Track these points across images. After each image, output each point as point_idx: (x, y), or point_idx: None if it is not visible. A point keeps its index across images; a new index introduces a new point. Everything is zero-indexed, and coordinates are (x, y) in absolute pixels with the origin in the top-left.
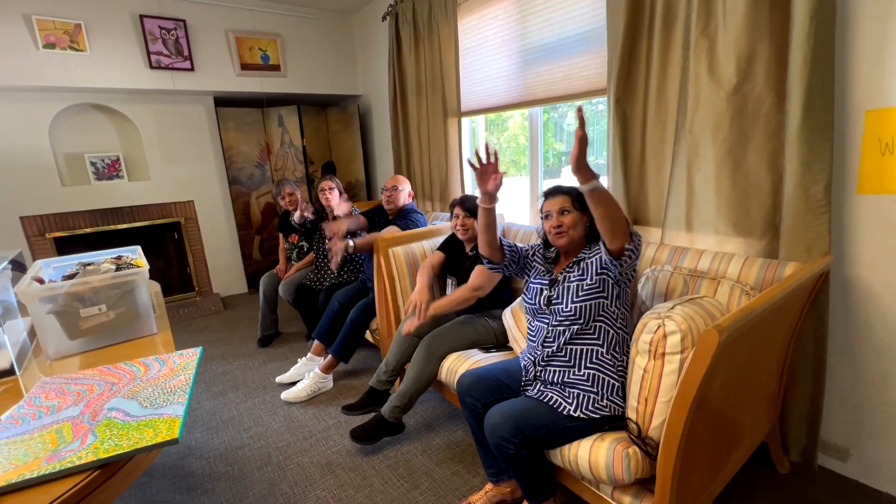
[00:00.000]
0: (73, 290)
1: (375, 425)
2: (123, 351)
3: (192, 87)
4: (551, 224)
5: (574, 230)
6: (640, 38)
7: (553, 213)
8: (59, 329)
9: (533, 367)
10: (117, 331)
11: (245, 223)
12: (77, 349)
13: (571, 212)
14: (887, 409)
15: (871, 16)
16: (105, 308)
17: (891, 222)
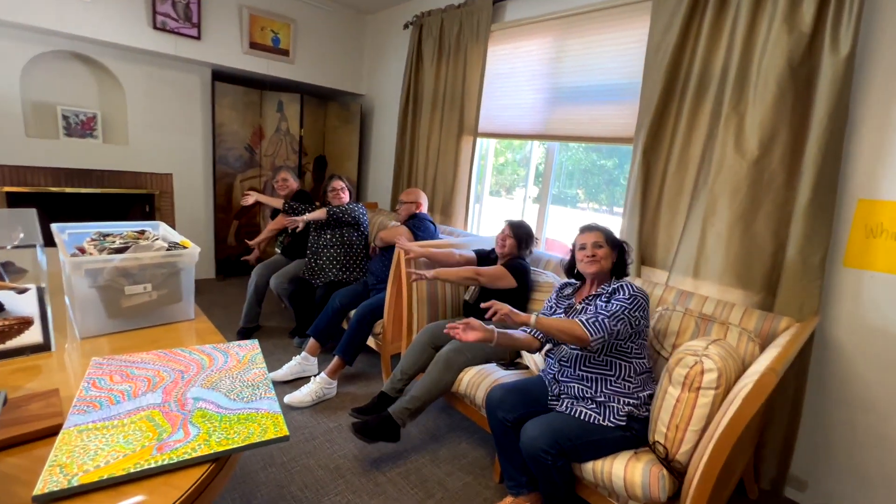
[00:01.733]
0: (122, 265)
1: (379, 423)
2: (159, 335)
3: (194, 55)
4: (585, 254)
5: (605, 261)
6: (672, 102)
7: (588, 244)
8: (98, 305)
9: (556, 384)
10: (156, 313)
11: (225, 206)
12: (111, 329)
13: (604, 247)
14: (844, 450)
15: (871, 125)
16: (150, 287)
17: (867, 294)
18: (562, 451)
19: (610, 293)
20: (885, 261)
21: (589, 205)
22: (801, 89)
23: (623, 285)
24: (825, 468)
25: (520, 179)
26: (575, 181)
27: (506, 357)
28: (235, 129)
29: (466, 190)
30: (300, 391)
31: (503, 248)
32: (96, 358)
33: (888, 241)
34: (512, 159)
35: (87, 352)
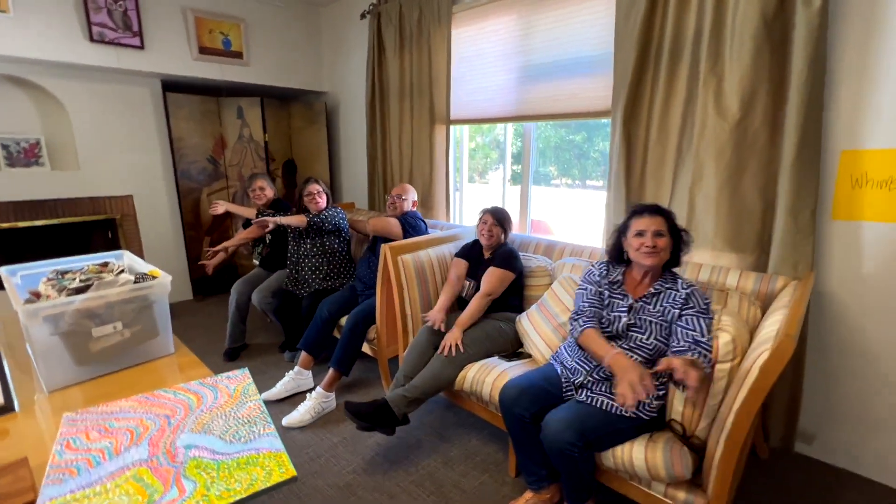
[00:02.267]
0: (84, 306)
1: (375, 409)
2: (137, 377)
3: (140, 66)
4: (644, 243)
5: (664, 253)
6: (647, 70)
7: (648, 232)
8: (63, 353)
9: (584, 376)
10: (131, 352)
11: (194, 223)
12: (82, 377)
13: (665, 235)
14: (846, 400)
15: (850, 74)
16: (120, 326)
17: (857, 245)
18: (588, 443)
19: (683, 301)
20: (872, 210)
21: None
22: (776, 45)
23: (693, 292)
24: (831, 419)
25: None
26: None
27: (508, 349)
28: (195, 141)
29: (445, 180)
30: (297, 411)
31: (491, 238)
32: (68, 414)
33: (874, 190)
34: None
35: (57, 407)
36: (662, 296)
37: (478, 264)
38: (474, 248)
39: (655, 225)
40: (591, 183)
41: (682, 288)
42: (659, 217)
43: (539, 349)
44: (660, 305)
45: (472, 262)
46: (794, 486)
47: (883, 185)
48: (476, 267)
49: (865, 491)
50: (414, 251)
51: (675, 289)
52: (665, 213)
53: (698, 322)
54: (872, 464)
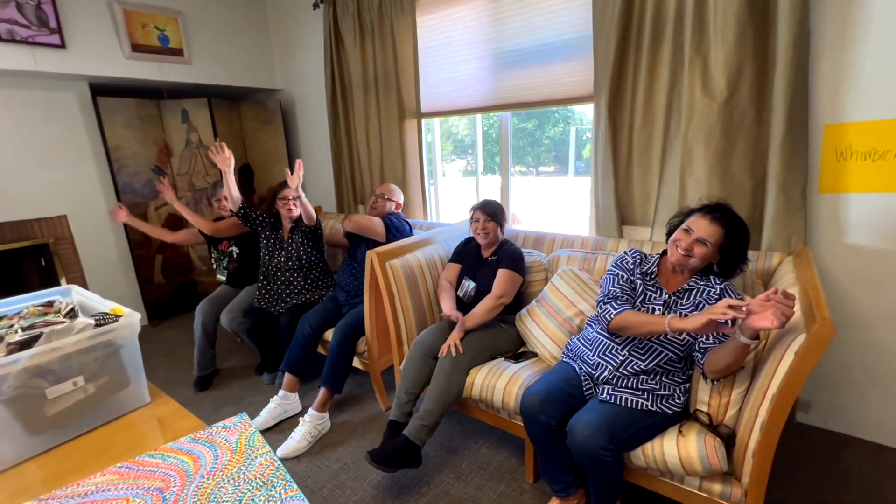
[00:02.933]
0: (34, 364)
1: (398, 450)
2: (109, 438)
3: (62, 68)
4: (682, 241)
5: (698, 261)
6: (629, 52)
7: (693, 234)
8: (11, 424)
9: (609, 372)
10: (98, 409)
11: (143, 241)
12: (38, 448)
13: (710, 247)
14: (840, 367)
15: (831, 48)
16: (82, 381)
17: (844, 217)
18: (620, 445)
19: (717, 298)
20: (857, 181)
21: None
22: (760, 22)
23: (727, 288)
24: (825, 386)
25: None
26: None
27: (511, 349)
28: (136, 150)
29: (420, 176)
30: (293, 438)
31: (487, 236)
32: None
33: (858, 162)
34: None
35: (12, 492)
36: (696, 292)
37: (477, 264)
38: (468, 246)
39: (706, 233)
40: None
41: (717, 283)
42: (718, 227)
43: (546, 347)
44: (693, 301)
45: (468, 262)
46: (800, 455)
47: (867, 157)
48: (475, 267)
49: (862, 451)
50: (402, 255)
51: (710, 285)
52: (729, 225)
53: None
54: (867, 426)
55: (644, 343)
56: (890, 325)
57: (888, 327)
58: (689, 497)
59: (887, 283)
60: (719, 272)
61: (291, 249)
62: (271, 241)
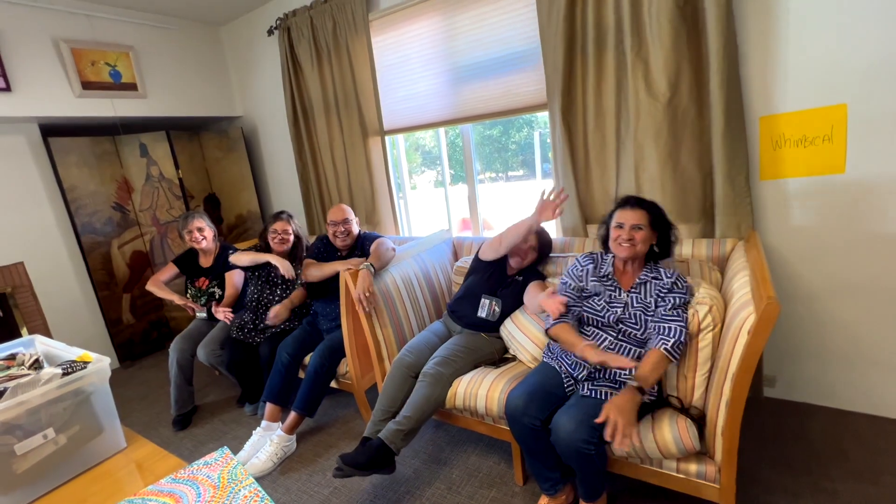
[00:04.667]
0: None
1: (371, 451)
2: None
3: (8, 112)
4: (621, 235)
5: (642, 245)
6: (576, 60)
7: (626, 225)
8: None
9: (585, 370)
10: (72, 460)
11: (107, 281)
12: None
13: (644, 229)
14: (797, 341)
15: (755, 46)
16: (53, 433)
17: (784, 200)
18: (602, 438)
19: (671, 286)
20: (792, 166)
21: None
22: (692, 26)
23: (677, 281)
24: (787, 360)
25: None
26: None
27: (494, 358)
28: (93, 189)
29: (388, 192)
30: (258, 458)
31: (522, 260)
32: None
33: (791, 149)
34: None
35: None
36: (649, 286)
37: (499, 279)
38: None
39: (635, 218)
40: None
41: (667, 277)
42: (640, 210)
43: (529, 350)
44: (648, 297)
45: (494, 274)
46: (769, 428)
47: (798, 144)
48: (496, 281)
49: (826, 418)
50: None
51: (659, 278)
52: (648, 207)
53: (675, 299)
54: (827, 394)
55: (613, 343)
56: (835, 296)
57: (834, 298)
58: (669, 480)
59: (827, 258)
60: (659, 252)
61: (286, 286)
62: (262, 278)
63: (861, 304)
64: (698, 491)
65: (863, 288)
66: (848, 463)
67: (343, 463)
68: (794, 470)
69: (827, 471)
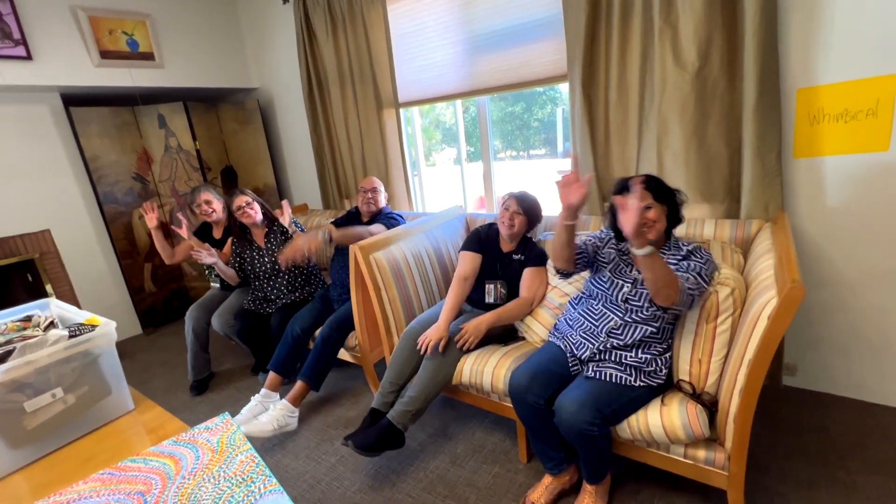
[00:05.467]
0: (9, 378)
1: (381, 432)
2: (93, 447)
3: (31, 80)
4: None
5: (659, 223)
6: (600, 28)
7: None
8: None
9: (591, 351)
10: (81, 420)
11: (130, 250)
12: (21, 462)
13: (654, 206)
14: (823, 329)
15: (800, 10)
16: (61, 392)
17: (820, 180)
18: (605, 419)
19: (686, 254)
20: (831, 143)
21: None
22: None
23: (696, 249)
24: (810, 348)
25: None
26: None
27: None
28: (114, 159)
29: (402, 166)
30: (259, 420)
31: (511, 227)
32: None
33: (830, 124)
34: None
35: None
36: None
37: (497, 259)
38: (489, 233)
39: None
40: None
41: (684, 246)
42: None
43: (536, 332)
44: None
45: (488, 256)
46: (787, 417)
47: (839, 119)
48: (494, 262)
49: (848, 410)
50: (385, 247)
51: (676, 254)
52: (647, 183)
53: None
54: (852, 385)
55: (619, 323)
56: (869, 284)
57: (868, 286)
58: (676, 465)
59: (864, 242)
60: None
61: (273, 254)
62: (249, 252)
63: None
64: (706, 478)
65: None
66: (869, 455)
67: (354, 447)
68: (810, 460)
69: (845, 462)
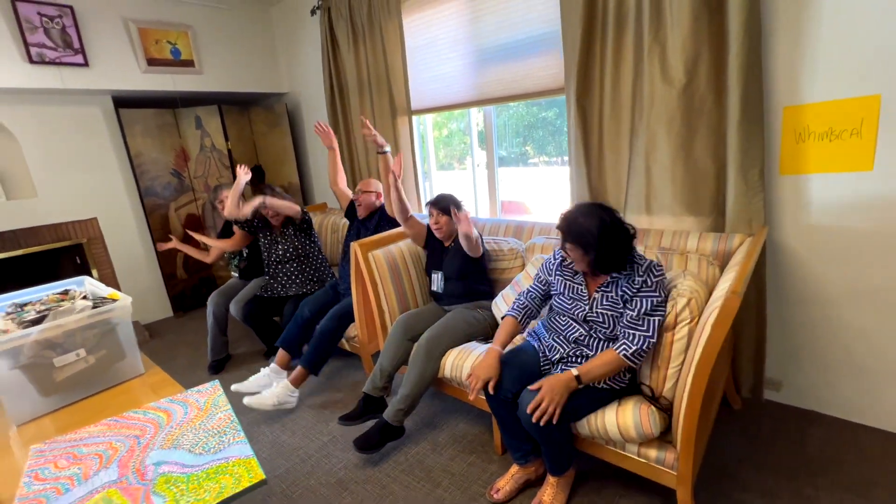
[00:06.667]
0: (43, 337)
1: (379, 431)
2: (107, 400)
3: (87, 85)
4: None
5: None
6: (595, 43)
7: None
8: (27, 386)
9: (561, 353)
10: (99, 377)
11: (165, 238)
12: (50, 407)
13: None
14: (808, 345)
15: (785, 31)
16: (84, 353)
17: (805, 197)
18: (564, 413)
19: (639, 286)
20: (816, 161)
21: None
22: (713, 8)
23: (648, 278)
24: (795, 365)
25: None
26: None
27: (487, 330)
28: (155, 156)
29: (413, 170)
30: (262, 395)
31: (440, 230)
32: (36, 446)
33: (816, 142)
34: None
35: (28, 438)
36: (619, 283)
37: (443, 253)
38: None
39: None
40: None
41: (638, 275)
42: (570, 244)
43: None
44: (617, 293)
45: (434, 253)
46: (765, 433)
47: (824, 137)
48: (439, 257)
49: (829, 428)
50: (385, 246)
51: (631, 275)
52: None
53: (643, 303)
54: (834, 403)
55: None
56: (852, 302)
57: (851, 304)
58: (629, 462)
59: (848, 260)
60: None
61: (287, 241)
62: (268, 237)
63: (883, 313)
64: (657, 476)
65: (886, 295)
66: (840, 473)
67: (357, 448)
68: (780, 473)
69: (814, 478)
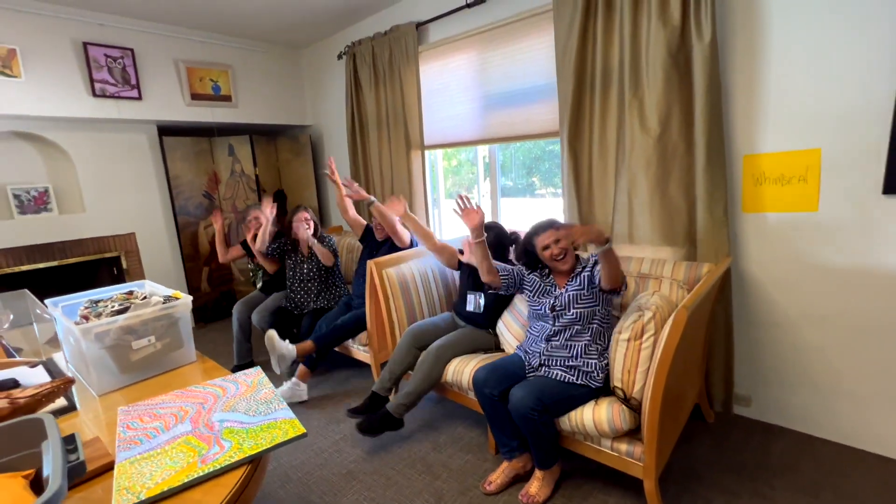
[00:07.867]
0: (126, 324)
1: (380, 419)
2: (169, 380)
3: (138, 115)
4: (553, 253)
5: (572, 250)
6: (585, 96)
7: (551, 244)
8: (109, 364)
9: (538, 359)
10: (162, 361)
11: (193, 254)
12: (125, 382)
13: (562, 240)
14: (773, 364)
15: (741, 93)
16: (153, 339)
17: (764, 232)
18: (546, 408)
19: (592, 265)
20: (771, 202)
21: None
22: (682, 72)
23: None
24: (761, 382)
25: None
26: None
27: (491, 347)
28: (190, 179)
29: (424, 199)
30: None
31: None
32: (122, 407)
33: (770, 186)
34: (465, 159)
35: (107, 406)
36: (581, 275)
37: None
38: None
39: (552, 236)
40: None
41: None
42: (551, 230)
43: (511, 344)
44: (580, 283)
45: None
46: (733, 443)
47: (777, 182)
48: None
49: (790, 439)
50: (396, 265)
51: (584, 264)
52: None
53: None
54: (796, 417)
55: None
56: (809, 325)
57: (808, 326)
58: (604, 456)
59: (801, 288)
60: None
61: (313, 262)
62: (293, 259)
63: (830, 334)
64: (627, 468)
65: (832, 319)
66: (796, 478)
67: (359, 430)
68: (742, 476)
69: (771, 480)
